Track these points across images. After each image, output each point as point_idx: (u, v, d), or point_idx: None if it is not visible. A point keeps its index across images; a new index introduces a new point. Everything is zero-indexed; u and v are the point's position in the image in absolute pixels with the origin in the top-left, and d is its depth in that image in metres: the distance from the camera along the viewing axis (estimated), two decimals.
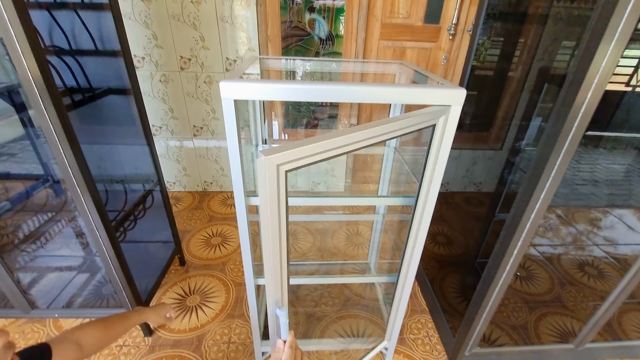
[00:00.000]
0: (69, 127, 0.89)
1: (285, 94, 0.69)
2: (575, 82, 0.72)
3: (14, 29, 0.74)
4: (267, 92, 0.68)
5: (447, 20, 1.99)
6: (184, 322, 1.40)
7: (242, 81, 0.68)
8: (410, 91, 0.70)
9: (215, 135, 2.21)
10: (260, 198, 0.58)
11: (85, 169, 0.96)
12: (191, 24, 1.86)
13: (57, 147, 0.89)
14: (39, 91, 0.82)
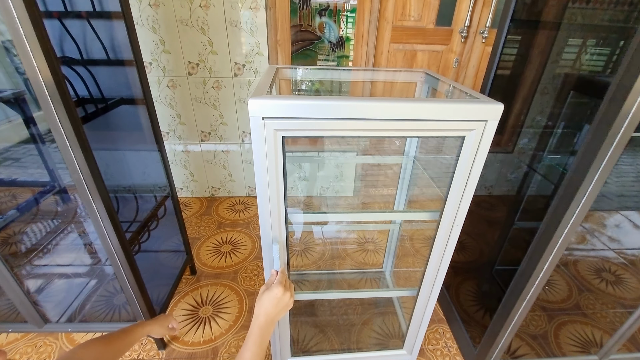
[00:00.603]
0: (83, 139, 0.86)
1: (320, 111, 0.65)
2: (622, 87, 0.69)
3: (28, 39, 0.71)
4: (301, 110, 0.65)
5: (459, 22, 1.96)
6: (198, 334, 1.38)
7: (271, 98, 0.65)
8: (442, 106, 0.68)
9: (224, 140, 2.19)
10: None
11: (99, 179, 0.93)
12: (199, 29, 1.83)
13: (71, 159, 0.87)
14: (53, 102, 0.79)
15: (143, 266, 1.20)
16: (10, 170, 1.64)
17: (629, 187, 1.77)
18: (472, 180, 0.75)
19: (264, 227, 0.78)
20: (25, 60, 0.73)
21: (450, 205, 0.80)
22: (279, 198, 0.74)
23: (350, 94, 1.70)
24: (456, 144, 0.75)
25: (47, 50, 0.75)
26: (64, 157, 0.87)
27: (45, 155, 1.58)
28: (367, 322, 1.41)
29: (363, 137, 0.89)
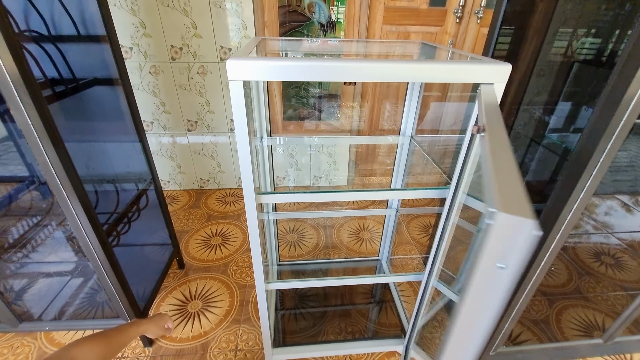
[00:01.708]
0: (50, 123, 0.78)
1: (302, 72, 0.59)
2: (613, 99, 0.64)
3: None
4: (281, 71, 0.58)
5: (453, 2, 1.89)
6: (186, 330, 1.31)
7: (252, 59, 0.57)
8: (447, 67, 0.61)
9: (211, 129, 2.10)
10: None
11: (70, 168, 0.85)
12: (182, 10, 1.73)
13: (37, 146, 0.78)
14: (14, 83, 0.71)
15: (125, 260, 1.12)
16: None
17: (622, 172, 1.75)
18: None
19: (248, 192, 0.71)
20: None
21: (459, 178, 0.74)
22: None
23: None
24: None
25: (8, 34, 0.66)
26: (34, 152, 0.79)
27: (23, 148, 1.48)
28: (364, 312, 1.35)
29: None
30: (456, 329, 0.34)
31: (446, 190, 0.80)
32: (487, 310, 0.31)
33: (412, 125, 1.11)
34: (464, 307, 0.32)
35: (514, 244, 0.28)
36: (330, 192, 0.79)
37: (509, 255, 0.28)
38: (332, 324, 1.30)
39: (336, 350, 1.14)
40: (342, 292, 1.45)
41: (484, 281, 0.29)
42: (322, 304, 1.39)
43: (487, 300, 0.30)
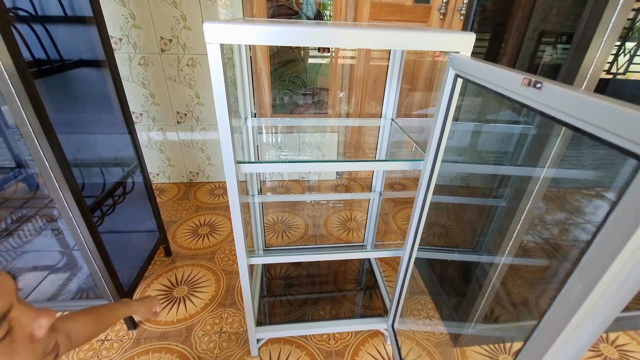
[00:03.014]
0: (40, 107, 0.80)
1: (278, 37, 0.62)
2: (571, 72, 0.69)
3: None
4: (257, 35, 0.61)
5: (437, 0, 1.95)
6: (171, 313, 1.31)
7: (229, 22, 0.60)
8: (416, 35, 0.64)
9: (200, 122, 2.11)
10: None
11: (59, 151, 0.87)
12: (171, 2, 1.76)
13: (27, 128, 0.80)
14: (9, 75, 0.73)
15: (112, 247, 1.13)
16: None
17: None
18: (449, 117, 0.72)
19: (226, 151, 0.73)
20: None
21: (434, 144, 0.77)
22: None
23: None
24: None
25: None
26: (23, 134, 0.81)
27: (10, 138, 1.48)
28: (349, 297, 1.37)
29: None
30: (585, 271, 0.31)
31: (421, 162, 0.83)
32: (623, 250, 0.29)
33: (392, 108, 1.14)
34: (595, 248, 0.30)
35: None
36: (313, 161, 0.81)
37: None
38: (317, 308, 1.32)
39: (319, 328, 1.15)
40: (328, 278, 1.47)
41: (620, 224, 0.28)
42: (307, 290, 1.40)
43: (622, 239, 0.29)
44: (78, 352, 1.16)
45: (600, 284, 0.31)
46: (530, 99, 0.42)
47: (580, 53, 0.68)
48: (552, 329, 0.37)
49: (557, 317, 0.36)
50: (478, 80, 0.58)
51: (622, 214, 0.29)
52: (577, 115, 0.35)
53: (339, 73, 2.10)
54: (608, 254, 0.30)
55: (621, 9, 0.64)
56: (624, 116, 0.29)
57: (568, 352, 0.36)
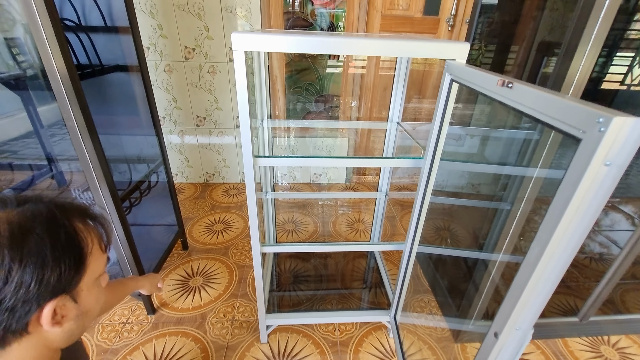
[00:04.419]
0: (87, 112, 0.92)
1: (291, 45, 0.71)
2: (559, 80, 0.76)
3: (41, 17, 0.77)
4: (274, 43, 0.71)
5: (445, 11, 2.04)
6: (187, 301, 1.40)
7: (251, 33, 0.70)
8: (416, 44, 0.73)
9: (218, 125, 2.24)
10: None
11: (99, 147, 0.98)
12: (196, 14, 1.90)
13: (75, 132, 0.92)
14: (61, 76, 0.85)
15: (136, 236, 1.23)
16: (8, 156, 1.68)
17: None
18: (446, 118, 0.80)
19: (246, 147, 0.82)
20: (42, 48, 0.80)
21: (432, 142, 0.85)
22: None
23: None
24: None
25: (61, 40, 0.81)
26: (71, 135, 0.92)
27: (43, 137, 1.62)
28: (355, 293, 1.43)
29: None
30: (563, 219, 0.35)
31: (421, 159, 0.91)
32: (593, 205, 0.34)
33: (398, 112, 1.22)
34: (573, 203, 0.34)
35: (626, 141, 0.31)
36: (325, 157, 0.90)
37: (616, 154, 0.31)
38: (324, 302, 1.38)
39: (325, 317, 1.22)
40: (335, 276, 1.53)
41: (592, 178, 0.33)
42: (315, 286, 1.47)
43: (594, 197, 0.34)
44: (102, 332, 1.25)
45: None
46: (504, 97, 0.50)
47: (567, 62, 0.75)
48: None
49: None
50: (467, 83, 0.65)
51: (569, 183, 0.36)
52: (539, 109, 0.42)
53: (350, 81, 2.20)
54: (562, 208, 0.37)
55: (603, 21, 0.71)
56: (568, 106, 0.37)
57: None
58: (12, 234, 0.40)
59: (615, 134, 0.31)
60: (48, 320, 0.43)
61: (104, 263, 0.52)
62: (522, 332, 0.46)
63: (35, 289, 0.40)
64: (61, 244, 0.43)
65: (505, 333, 0.46)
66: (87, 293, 0.49)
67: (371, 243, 1.11)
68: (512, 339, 0.46)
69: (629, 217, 1.94)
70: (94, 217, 0.51)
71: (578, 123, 0.35)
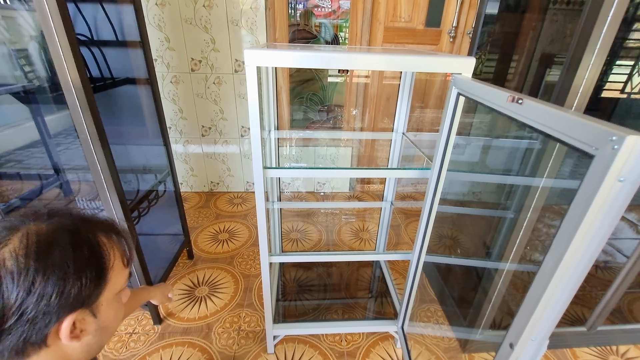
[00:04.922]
0: (99, 124, 0.94)
1: (302, 61, 0.73)
2: (564, 91, 0.78)
3: (57, 30, 0.80)
4: (285, 59, 0.73)
5: (447, 23, 2.08)
6: (193, 311, 1.40)
7: (262, 49, 0.72)
8: (423, 59, 0.75)
9: (223, 135, 2.26)
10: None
11: (110, 158, 1.00)
12: (203, 27, 1.94)
13: (87, 143, 0.94)
14: (75, 89, 0.87)
15: (143, 245, 1.24)
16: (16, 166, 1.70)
17: None
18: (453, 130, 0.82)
19: (256, 156, 0.84)
20: (57, 61, 0.83)
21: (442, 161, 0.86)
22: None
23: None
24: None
25: (76, 54, 0.84)
26: (83, 145, 0.94)
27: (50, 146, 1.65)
28: (361, 303, 1.43)
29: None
30: (578, 233, 0.36)
31: (428, 170, 0.92)
32: (608, 219, 0.35)
33: (403, 123, 1.24)
34: (588, 218, 0.35)
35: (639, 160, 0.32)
36: (332, 168, 0.91)
37: (629, 171, 0.33)
38: (330, 312, 1.38)
39: (332, 327, 1.22)
40: (340, 285, 1.53)
41: (606, 194, 0.34)
42: (321, 296, 1.47)
43: (608, 211, 0.35)
44: (108, 343, 1.25)
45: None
46: (514, 113, 0.51)
47: (572, 72, 0.77)
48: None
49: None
50: (475, 97, 0.67)
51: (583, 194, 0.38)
52: (550, 125, 0.44)
53: (353, 91, 2.23)
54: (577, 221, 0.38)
55: (607, 31, 0.72)
56: (580, 124, 0.38)
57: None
58: (39, 246, 0.41)
59: (629, 152, 0.33)
60: (67, 333, 0.43)
61: (125, 278, 0.53)
62: (537, 342, 0.46)
63: (56, 301, 0.41)
64: (84, 258, 0.44)
65: (521, 344, 0.47)
66: (107, 308, 0.49)
67: (378, 252, 1.11)
68: (528, 349, 0.47)
69: (633, 225, 1.95)
70: (118, 232, 0.52)
71: (591, 140, 0.36)
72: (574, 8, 1.17)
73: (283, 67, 2.10)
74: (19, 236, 0.42)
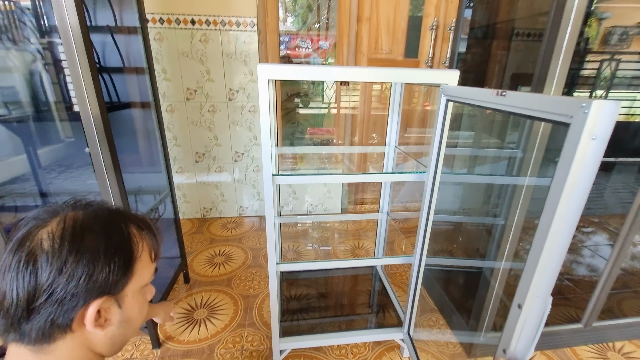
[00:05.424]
0: (114, 150, 0.99)
1: (309, 74, 0.82)
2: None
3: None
4: (293, 73, 0.82)
5: (424, 55, 2.29)
6: (193, 333, 1.36)
7: (274, 65, 0.81)
8: (414, 72, 0.86)
9: (217, 161, 2.31)
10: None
11: (121, 182, 1.03)
12: (199, 60, 2.06)
13: (101, 168, 0.98)
14: (94, 118, 0.93)
15: None
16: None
17: None
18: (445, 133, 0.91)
19: (266, 163, 0.89)
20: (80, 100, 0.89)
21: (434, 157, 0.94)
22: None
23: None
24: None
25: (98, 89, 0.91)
26: (96, 169, 0.98)
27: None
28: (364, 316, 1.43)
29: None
30: (566, 185, 0.42)
31: (424, 174, 1.00)
32: (588, 172, 0.42)
33: (395, 136, 1.34)
34: (572, 172, 0.42)
35: (605, 120, 0.40)
36: (334, 174, 0.98)
37: (599, 129, 0.40)
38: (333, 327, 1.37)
39: (338, 338, 1.21)
40: (342, 300, 1.53)
41: (584, 151, 0.41)
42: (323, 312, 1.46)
43: (587, 165, 0.42)
44: None
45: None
46: (499, 104, 0.60)
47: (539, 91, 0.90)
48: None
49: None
50: (463, 100, 0.77)
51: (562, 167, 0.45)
52: (530, 107, 0.53)
53: (342, 119, 2.37)
54: None
55: (563, 62, 0.86)
56: (556, 100, 0.47)
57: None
58: (74, 229, 0.44)
59: (597, 114, 0.41)
60: (91, 319, 0.45)
61: (151, 272, 0.54)
62: (542, 299, 0.51)
63: (84, 284, 0.43)
64: (114, 245, 0.47)
65: (527, 303, 0.52)
66: (132, 300, 0.50)
67: (381, 257, 1.15)
68: (534, 307, 0.52)
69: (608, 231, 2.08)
70: (149, 227, 0.54)
71: (566, 111, 0.45)
72: (533, 39, 1.35)
73: (274, 93, 2.22)
74: (57, 220, 0.45)
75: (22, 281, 0.41)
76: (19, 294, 0.41)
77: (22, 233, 0.43)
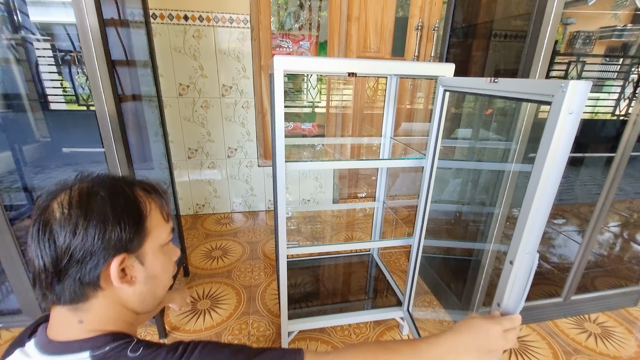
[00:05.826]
0: (127, 146, 1.02)
1: (320, 66, 0.88)
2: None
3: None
4: (305, 64, 0.87)
5: (410, 53, 2.40)
6: (199, 322, 1.38)
7: (289, 56, 0.86)
8: (411, 65, 0.94)
9: (210, 157, 2.32)
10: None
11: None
12: (191, 55, 2.07)
13: (115, 164, 1.00)
14: (110, 115, 0.95)
15: None
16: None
17: None
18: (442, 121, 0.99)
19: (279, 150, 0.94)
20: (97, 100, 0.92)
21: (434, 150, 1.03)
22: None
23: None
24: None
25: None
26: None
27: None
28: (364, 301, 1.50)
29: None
30: (550, 151, 0.50)
31: (423, 159, 1.08)
32: (566, 140, 0.50)
33: (390, 128, 1.42)
34: (555, 140, 0.50)
35: (579, 97, 0.48)
36: (341, 160, 1.04)
37: (574, 105, 0.49)
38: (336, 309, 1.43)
39: (343, 319, 1.27)
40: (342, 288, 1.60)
41: (563, 123, 0.50)
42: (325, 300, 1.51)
43: (566, 135, 0.50)
44: None
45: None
46: (492, 90, 0.69)
47: None
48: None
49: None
50: (459, 89, 0.86)
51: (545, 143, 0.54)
52: (519, 90, 0.61)
53: (332, 118, 2.44)
54: None
55: (544, 58, 0.96)
56: (541, 83, 0.56)
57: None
58: (80, 196, 0.48)
59: (573, 92, 0.49)
60: (116, 275, 0.48)
61: (167, 232, 0.56)
62: (530, 255, 0.59)
63: (99, 242, 0.46)
64: (120, 205, 0.49)
65: (518, 258, 0.60)
66: (153, 257, 0.53)
67: (384, 240, 1.22)
68: (524, 262, 0.60)
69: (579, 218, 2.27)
70: (154, 188, 0.56)
71: (548, 91, 0.53)
72: (510, 41, 1.47)
73: (267, 89, 2.26)
74: (66, 191, 0.49)
75: (44, 248, 0.45)
76: (44, 260, 0.45)
77: (38, 206, 0.48)
